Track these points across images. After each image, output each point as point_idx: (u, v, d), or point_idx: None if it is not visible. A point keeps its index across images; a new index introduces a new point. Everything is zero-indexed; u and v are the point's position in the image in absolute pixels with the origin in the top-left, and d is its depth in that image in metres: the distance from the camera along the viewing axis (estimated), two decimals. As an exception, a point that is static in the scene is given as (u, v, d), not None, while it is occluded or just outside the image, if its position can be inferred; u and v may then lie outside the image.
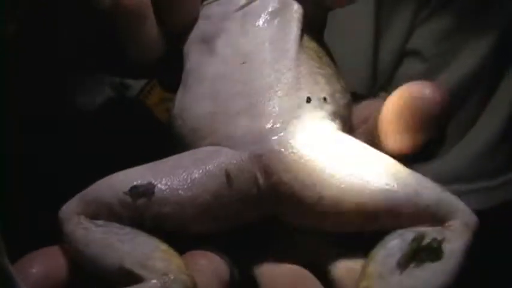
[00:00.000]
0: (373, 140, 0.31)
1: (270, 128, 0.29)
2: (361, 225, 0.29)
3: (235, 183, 0.29)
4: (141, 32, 0.32)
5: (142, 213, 0.28)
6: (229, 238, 0.30)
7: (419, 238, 0.27)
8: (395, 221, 0.28)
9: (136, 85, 0.45)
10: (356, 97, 0.34)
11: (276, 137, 0.29)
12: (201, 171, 0.29)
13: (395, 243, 0.27)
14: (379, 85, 0.48)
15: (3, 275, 0.25)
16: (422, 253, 0.26)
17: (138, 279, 0.26)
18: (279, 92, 0.30)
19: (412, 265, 0.26)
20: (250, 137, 0.29)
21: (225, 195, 0.29)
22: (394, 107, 0.30)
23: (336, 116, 0.31)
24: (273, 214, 0.30)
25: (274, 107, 0.30)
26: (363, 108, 0.34)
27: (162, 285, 0.25)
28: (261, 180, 0.29)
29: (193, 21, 0.33)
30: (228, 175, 0.29)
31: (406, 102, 0.29)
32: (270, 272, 0.30)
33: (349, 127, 0.32)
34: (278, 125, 0.29)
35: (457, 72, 0.48)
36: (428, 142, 0.30)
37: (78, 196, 0.29)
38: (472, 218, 0.28)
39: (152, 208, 0.28)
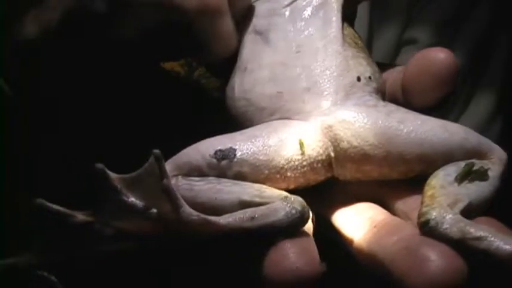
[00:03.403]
0: (396, 98, 0.37)
1: (335, 102, 0.35)
2: (421, 170, 0.34)
3: (307, 150, 0.34)
4: (223, 27, 0.36)
5: (225, 172, 0.33)
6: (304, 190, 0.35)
7: (470, 164, 0.33)
8: (449, 162, 0.34)
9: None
10: None
11: (341, 110, 0.34)
12: (275, 139, 0.34)
13: (451, 168, 0.33)
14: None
15: (169, 195, 0.29)
16: (473, 174, 0.33)
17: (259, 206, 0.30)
18: (334, 73, 0.35)
19: (466, 181, 0.33)
20: (319, 111, 0.35)
21: (297, 159, 0.34)
22: (416, 69, 0.36)
23: (378, 90, 0.37)
24: (337, 177, 0.35)
25: (334, 85, 0.35)
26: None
27: (286, 203, 0.30)
28: (331, 147, 0.34)
29: (246, 16, 0.38)
30: (301, 143, 0.34)
31: (426, 65, 0.35)
32: (337, 209, 0.35)
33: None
34: (340, 100, 0.35)
35: None
36: (445, 96, 0.36)
37: (170, 161, 0.33)
38: (503, 154, 0.35)
39: (234, 168, 0.33)
